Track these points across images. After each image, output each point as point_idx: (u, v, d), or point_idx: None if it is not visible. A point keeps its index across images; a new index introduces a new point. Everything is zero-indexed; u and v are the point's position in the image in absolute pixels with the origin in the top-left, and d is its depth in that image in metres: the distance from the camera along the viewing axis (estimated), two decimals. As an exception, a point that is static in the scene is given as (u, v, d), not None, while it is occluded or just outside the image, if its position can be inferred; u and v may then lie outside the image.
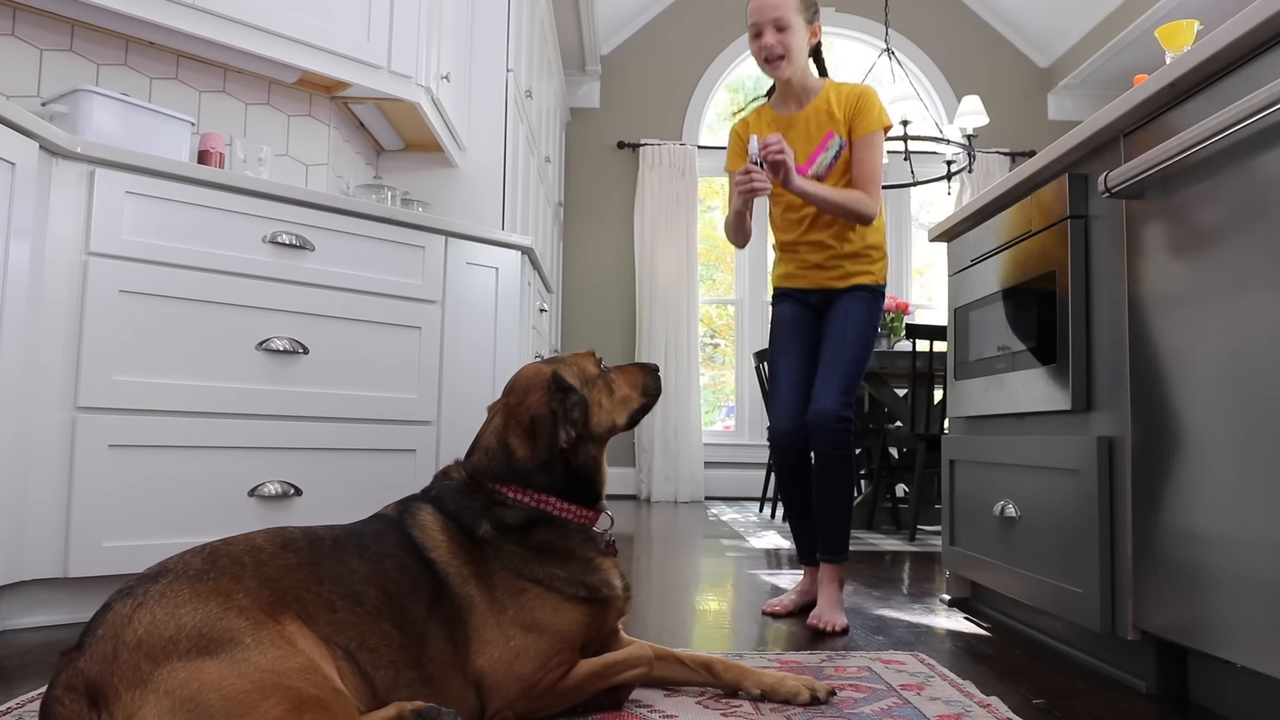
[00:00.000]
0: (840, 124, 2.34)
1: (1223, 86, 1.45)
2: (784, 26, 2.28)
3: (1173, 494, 1.54)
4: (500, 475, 1.46)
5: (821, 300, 2.44)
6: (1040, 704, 1.59)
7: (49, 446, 2.07)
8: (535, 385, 1.51)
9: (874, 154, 2.31)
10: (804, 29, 2.32)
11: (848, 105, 2.34)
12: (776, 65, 2.32)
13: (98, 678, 1.01)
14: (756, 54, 2.34)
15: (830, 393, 2.25)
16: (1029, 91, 6.98)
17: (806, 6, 2.33)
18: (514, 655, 1.34)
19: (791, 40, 2.29)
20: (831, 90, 2.38)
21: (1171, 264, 1.56)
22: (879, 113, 2.33)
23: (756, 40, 2.32)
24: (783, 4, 2.29)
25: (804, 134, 2.37)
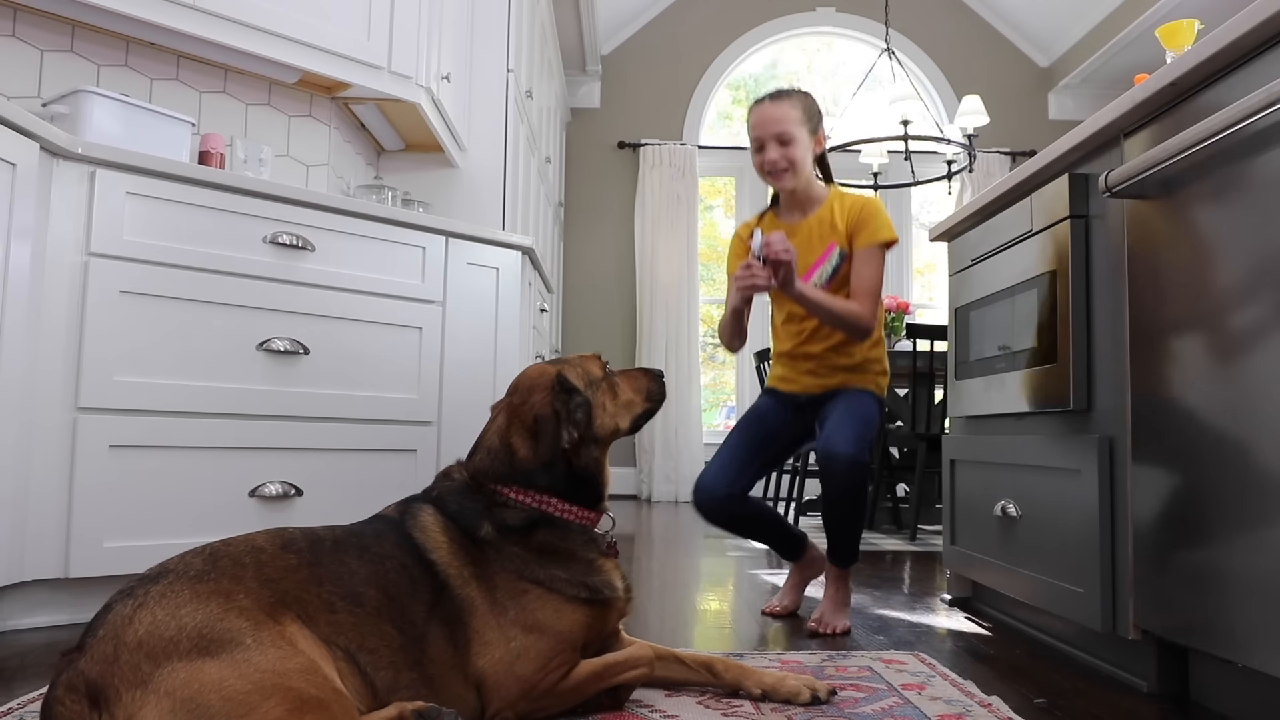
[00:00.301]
0: (842, 235, 2.28)
1: (1223, 86, 1.44)
2: (787, 140, 2.25)
3: (1173, 493, 1.54)
4: (502, 476, 1.46)
5: (811, 402, 2.34)
6: (1041, 704, 1.59)
7: (50, 447, 2.07)
8: (539, 385, 1.51)
9: (874, 268, 2.25)
10: (808, 140, 2.28)
11: (850, 216, 2.28)
12: (780, 178, 2.28)
13: (98, 678, 1.01)
14: (759, 168, 2.30)
15: (843, 434, 2.11)
16: (1029, 91, 6.98)
17: (810, 118, 2.29)
18: (514, 656, 1.34)
19: (795, 153, 2.25)
20: (835, 199, 2.33)
21: (1172, 263, 1.56)
22: (883, 226, 2.27)
23: (759, 154, 2.29)
24: (785, 118, 2.25)
25: (805, 244, 2.31)
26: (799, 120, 2.26)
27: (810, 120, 2.29)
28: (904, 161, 5.43)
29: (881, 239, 2.25)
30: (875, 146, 5.38)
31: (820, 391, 2.32)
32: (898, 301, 5.23)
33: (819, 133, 2.32)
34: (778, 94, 2.30)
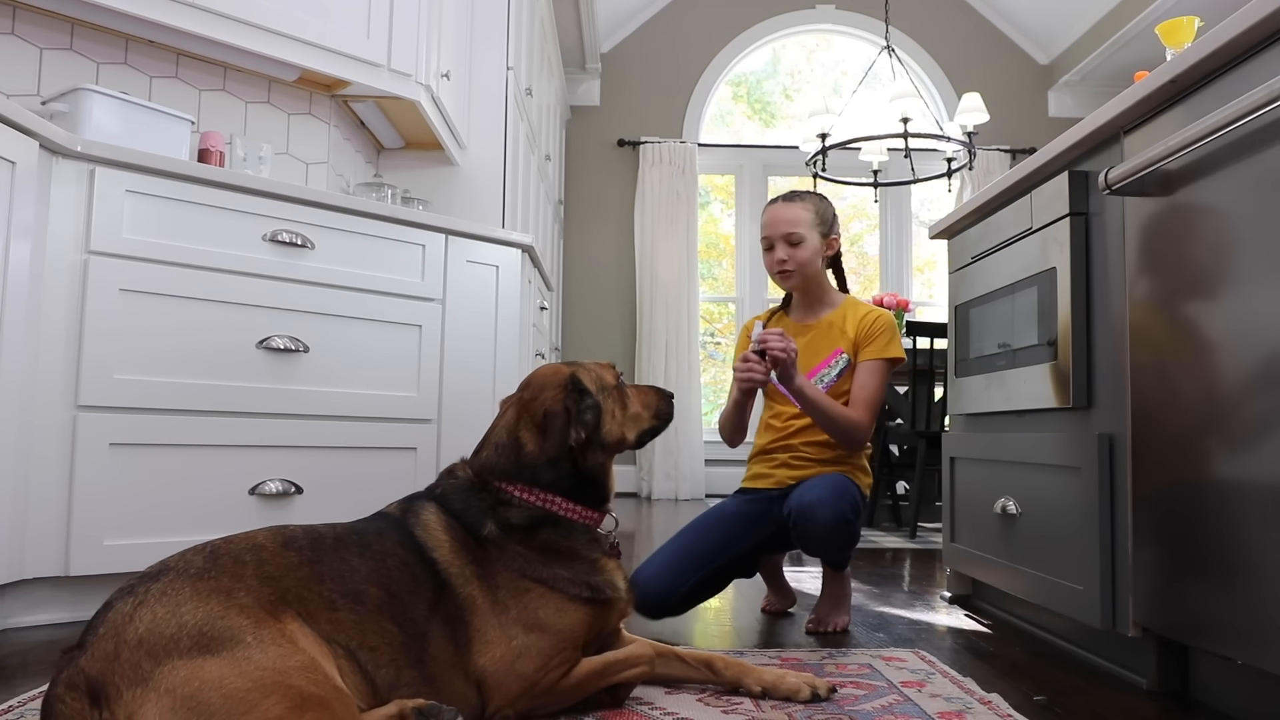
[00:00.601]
0: (850, 343, 2.26)
1: (1223, 83, 1.44)
2: (796, 241, 2.25)
3: (1173, 491, 1.54)
4: (508, 472, 1.46)
5: (783, 495, 2.20)
6: (1041, 701, 1.59)
7: (50, 445, 2.07)
8: (552, 383, 1.52)
9: (877, 381, 2.21)
10: (818, 243, 2.27)
11: (862, 327, 2.26)
12: (787, 278, 2.29)
13: (99, 676, 1.01)
14: (768, 268, 2.31)
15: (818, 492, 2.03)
16: (1029, 88, 6.97)
17: (822, 221, 2.29)
18: (516, 654, 1.34)
19: (803, 255, 2.25)
20: (849, 308, 2.32)
21: (1172, 261, 1.56)
22: (893, 342, 2.24)
23: (768, 253, 2.29)
24: (796, 220, 2.25)
25: (812, 346, 2.29)
26: (810, 223, 2.26)
27: (823, 224, 2.29)
28: (904, 159, 5.42)
29: (890, 355, 2.23)
30: (875, 144, 5.38)
31: (794, 483, 2.21)
32: (898, 299, 5.23)
33: (832, 235, 2.31)
34: (791, 195, 2.31)
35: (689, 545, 2.13)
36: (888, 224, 7.20)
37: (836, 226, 2.34)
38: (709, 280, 7.30)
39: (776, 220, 2.27)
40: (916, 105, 5.06)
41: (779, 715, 1.44)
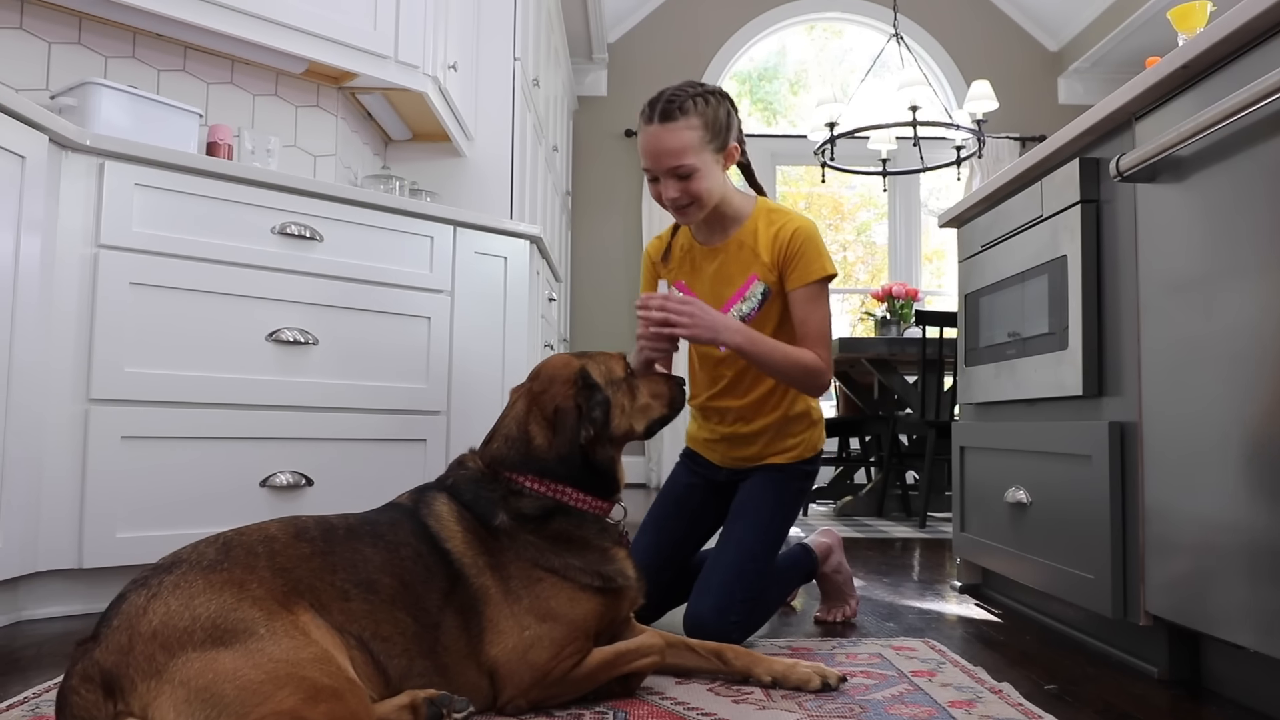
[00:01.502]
0: (768, 267, 1.89)
1: (1236, 68, 1.43)
2: (687, 174, 1.81)
3: (1185, 479, 1.53)
4: (518, 464, 1.47)
5: (730, 478, 2.02)
6: (1052, 690, 1.59)
7: (62, 438, 2.09)
8: (561, 377, 1.51)
9: (820, 309, 1.87)
10: (713, 163, 1.84)
11: (778, 249, 1.88)
12: (685, 214, 1.87)
13: (113, 668, 1.02)
14: (655, 198, 1.89)
15: (713, 590, 1.78)
16: (1039, 76, 6.93)
17: (715, 134, 1.83)
18: (528, 644, 1.35)
19: (699, 186, 1.82)
20: (762, 219, 1.92)
21: (1184, 248, 1.55)
22: (822, 258, 1.88)
23: (654, 185, 1.87)
24: (682, 147, 1.79)
25: (723, 273, 1.93)
26: (699, 143, 1.81)
27: (716, 136, 1.83)
28: (913, 148, 5.40)
29: (822, 274, 1.87)
30: (884, 133, 5.35)
31: (741, 468, 2.00)
32: (907, 288, 5.22)
33: (730, 145, 1.88)
34: (669, 109, 1.80)
35: (655, 545, 1.98)
36: (897, 213, 7.17)
37: (735, 126, 1.89)
38: (717, 270, 7.28)
39: (657, 150, 1.81)
40: (925, 93, 5.03)
41: (789, 705, 1.44)
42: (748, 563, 1.83)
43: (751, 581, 1.82)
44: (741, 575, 1.81)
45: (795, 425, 1.99)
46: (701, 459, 2.09)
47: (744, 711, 1.40)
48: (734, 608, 1.78)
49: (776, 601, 1.95)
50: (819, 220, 7.65)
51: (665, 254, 2.05)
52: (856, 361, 4.73)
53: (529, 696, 1.35)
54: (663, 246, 2.06)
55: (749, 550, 1.85)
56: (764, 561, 1.86)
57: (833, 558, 2.13)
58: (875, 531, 3.99)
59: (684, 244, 2.02)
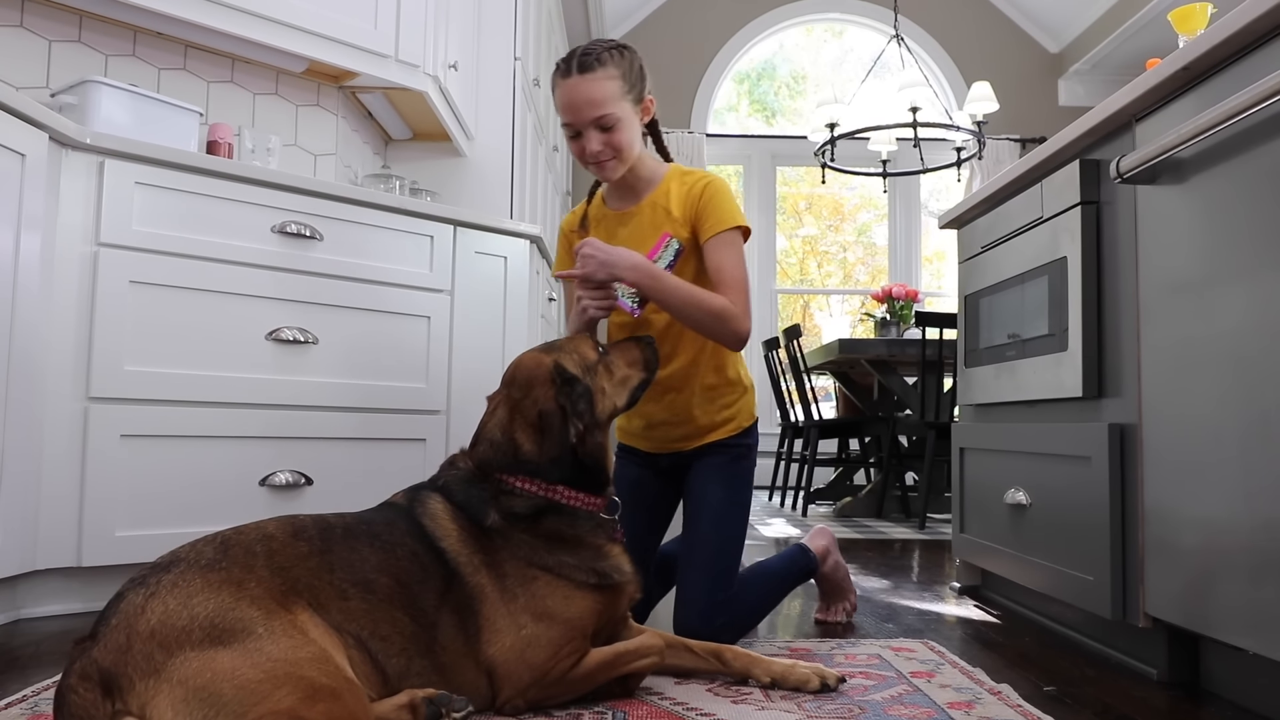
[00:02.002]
0: (680, 224, 1.86)
1: (1237, 70, 1.43)
2: (610, 125, 1.79)
3: (1185, 481, 1.53)
4: (507, 466, 1.46)
5: (672, 464, 1.97)
6: (1051, 691, 1.59)
7: (61, 437, 2.08)
8: (538, 378, 1.49)
9: (733, 255, 1.82)
10: (632, 114, 1.83)
11: (689, 203, 1.86)
12: (605, 168, 1.85)
13: (111, 667, 1.02)
14: (577, 156, 1.86)
15: (693, 600, 1.78)
16: (1039, 77, 6.93)
17: (631, 86, 1.82)
18: (525, 644, 1.34)
19: (620, 138, 1.81)
20: (674, 181, 1.91)
21: (1184, 250, 1.55)
22: (729, 209, 1.84)
23: (575, 141, 1.83)
24: (604, 96, 1.77)
25: (636, 235, 1.90)
26: (619, 93, 1.79)
27: (633, 88, 1.82)
28: (913, 149, 5.40)
29: (733, 222, 1.83)
30: (884, 134, 5.36)
31: (679, 451, 1.94)
32: (907, 290, 5.22)
33: (646, 96, 1.87)
34: (586, 61, 1.78)
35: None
36: (897, 214, 7.17)
37: (647, 80, 1.88)
38: (717, 271, 7.28)
39: (578, 103, 1.78)
40: (925, 94, 5.03)
41: (788, 705, 1.44)
42: (718, 561, 1.82)
43: (727, 580, 1.81)
44: (716, 577, 1.80)
45: (726, 394, 1.92)
46: (638, 451, 2.02)
47: (743, 712, 1.40)
48: (717, 610, 1.77)
49: (770, 598, 1.94)
50: (819, 221, 7.65)
51: (582, 223, 2.02)
52: (856, 362, 4.73)
53: (527, 696, 1.35)
54: (577, 219, 2.03)
55: (716, 548, 1.83)
56: (733, 556, 1.85)
57: (830, 557, 2.13)
58: (875, 532, 3.99)
59: (597, 213, 1.99)
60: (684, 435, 1.93)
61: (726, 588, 1.81)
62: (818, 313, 7.34)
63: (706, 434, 1.92)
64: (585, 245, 1.77)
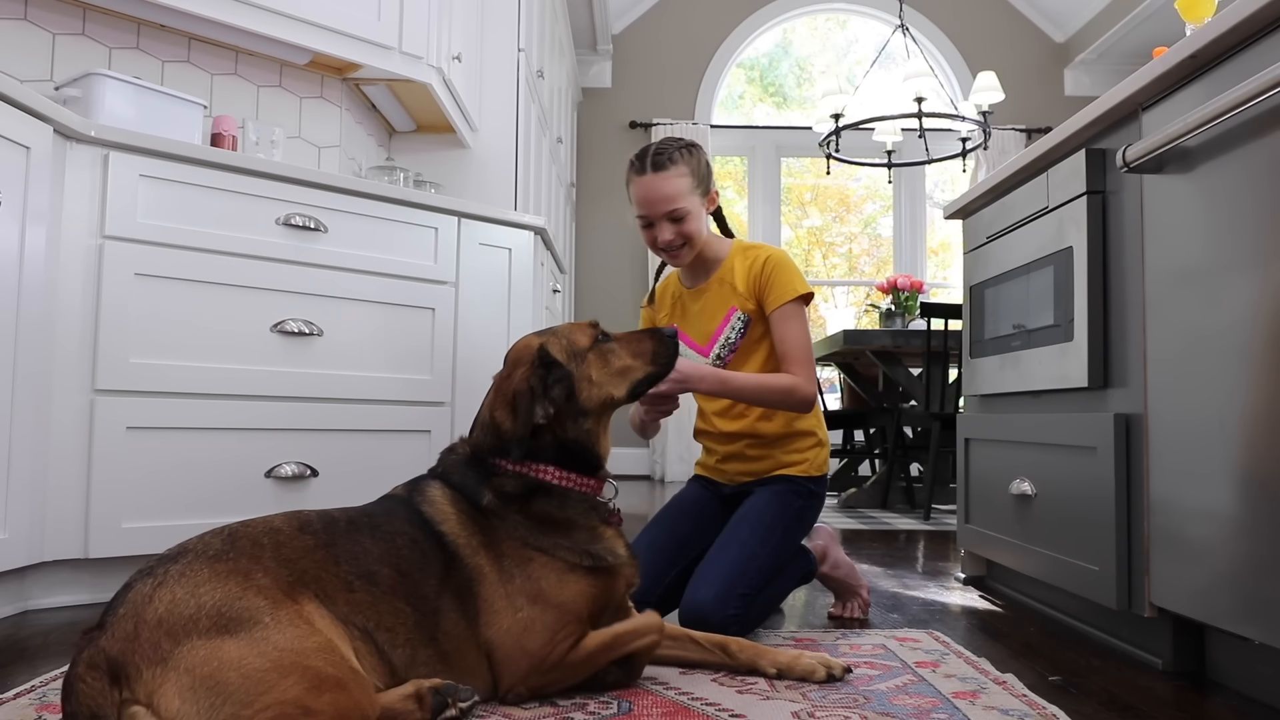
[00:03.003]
0: (744, 298, 2.01)
1: (1245, 58, 1.42)
2: (681, 217, 1.97)
3: (1190, 471, 1.53)
4: (495, 449, 1.47)
5: (735, 492, 2.07)
6: (1056, 681, 1.59)
7: (68, 429, 2.09)
8: (523, 360, 1.51)
9: (797, 328, 1.97)
10: (699, 207, 2.00)
11: (752, 278, 2.01)
12: (678, 256, 2.03)
13: (119, 655, 1.02)
14: (650, 246, 2.04)
15: (708, 583, 1.79)
16: (1045, 67, 6.90)
17: (700, 181, 2.00)
18: (522, 629, 1.35)
19: (691, 227, 1.98)
20: (737, 257, 2.06)
21: (1191, 239, 1.54)
22: (790, 280, 1.98)
23: (648, 232, 2.01)
24: (675, 193, 1.95)
25: (707, 310, 2.07)
26: (689, 189, 1.98)
27: (701, 183, 2.01)
28: (918, 139, 5.38)
29: (794, 293, 1.97)
30: (889, 125, 5.34)
31: (748, 480, 2.06)
32: (912, 281, 5.20)
33: (711, 191, 2.05)
34: (659, 160, 1.97)
35: (658, 541, 2.00)
36: (902, 205, 7.15)
37: (712, 174, 2.07)
38: (722, 262, 7.27)
39: (653, 198, 1.97)
40: (931, 85, 5.01)
41: (794, 695, 1.44)
42: (749, 560, 1.85)
43: (752, 579, 1.83)
44: (743, 573, 1.82)
45: (798, 441, 2.04)
46: (709, 480, 2.15)
47: (748, 702, 1.40)
48: (732, 601, 1.78)
49: (774, 602, 1.96)
50: (823, 212, 7.63)
51: (650, 299, 2.24)
52: (861, 354, 4.72)
53: (528, 684, 1.36)
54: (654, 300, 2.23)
55: (751, 550, 1.87)
56: (765, 561, 1.87)
57: (830, 556, 2.12)
58: (879, 523, 3.99)
59: (673, 291, 2.17)
60: (755, 470, 2.05)
61: (748, 586, 1.82)
62: (822, 304, 7.33)
63: (773, 470, 2.03)
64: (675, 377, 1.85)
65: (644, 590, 1.78)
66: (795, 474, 2.02)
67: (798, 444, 2.04)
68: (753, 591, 1.83)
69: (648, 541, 2.00)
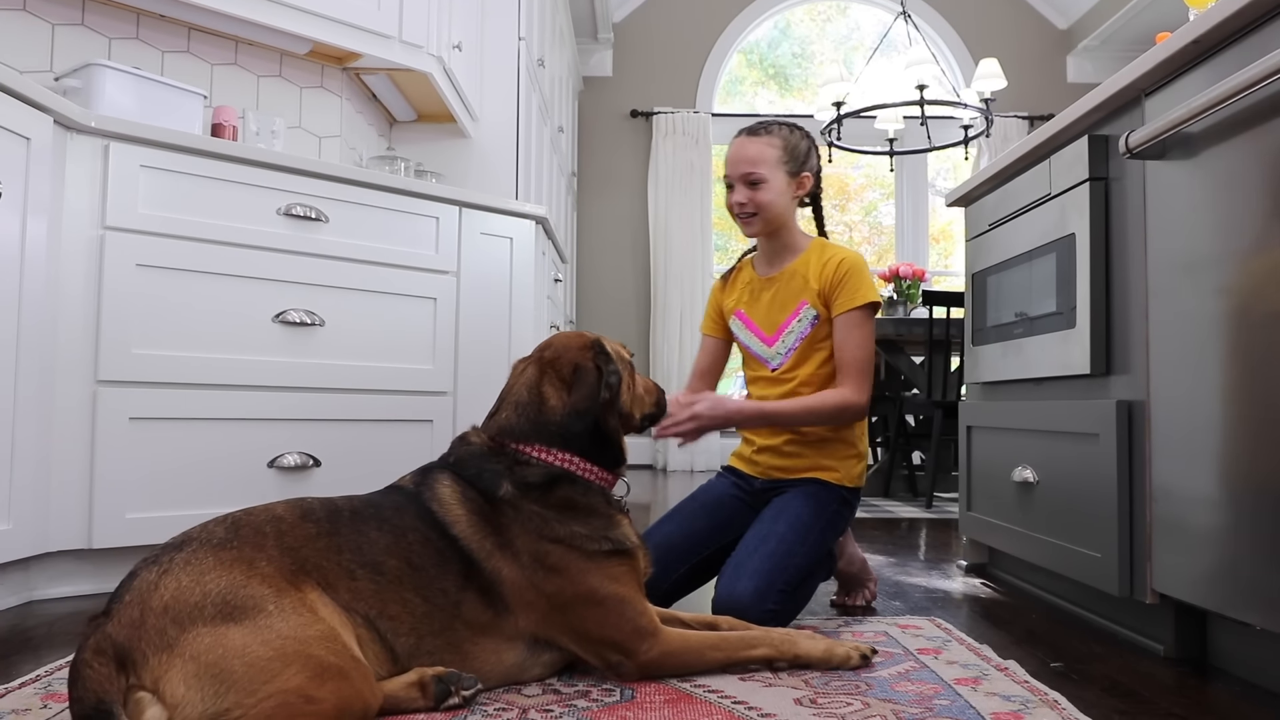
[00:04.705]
0: (815, 295, 1.98)
1: (1248, 43, 1.42)
2: (757, 181, 1.96)
3: (1193, 457, 1.53)
4: (527, 433, 1.47)
5: (766, 487, 2.02)
6: (1058, 667, 1.60)
7: (71, 420, 2.09)
8: (576, 345, 1.54)
9: (860, 337, 1.94)
10: (784, 183, 1.99)
11: (827, 276, 1.97)
12: (748, 223, 2.02)
13: (125, 642, 1.03)
14: (729, 210, 2.04)
15: (748, 575, 1.76)
16: (1048, 54, 6.87)
17: (792, 158, 1.99)
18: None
19: (764, 197, 1.96)
20: (815, 252, 2.02)
21: (1194, 225, 1.54)
22: (863, 287, 1.95)
23: (730, 193, 2.02)
24: (759, 157, 1.96)
25: (777, 300, 2.04)
26: (776, 161, 1.97)
27: (792, 160, 1.99)
28: (920, 127, 5.36)
29: (863, 300, 1.94)
30: (891, 112, 5.32)
31: (781, 477, 2.01)
32: (914, 269, 5.20)
33: (804, 173, 2.02)
34: (757, 128, 2.01)
35: (672, 537, 1.95)
36: (904, 193, 7.14)
37: (813, 161, 2.05)
38: (723, 251, 7.26)
39: (738, 158, 1.99)
40: (933, 72, 5.00)
41: (796, 682, 1.45)
42: (788, 558, 1.81)
43: (790, 576, 1.80)
44: (783, 569, 1.79)
45: (837, 447, 1.99)
46: (740, 473, 2.10)
47: (751, 689, 1.41)
48: (772, 595, 1.76)
49: (804, 602, 1.92)
50: (826, 200, 7.61)
51: (727, 276, 2.20)
52: (863, 342, 4.71)
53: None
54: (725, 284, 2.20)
55: (789, 545, 1.83)
56: (802, 560, 1.84)
57: (845, 551, 2.12)
58: (882, 511, 3.99)
59: (746, 276, 2.15)
60: (785, 468, 2.00)
61: (788, 581, 1.79)
62: (824, 293, 7.32)
63: (807, 471, 1.98)
64: (700, 404, 1.87)
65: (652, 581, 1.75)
66: (830, 479, 1.97)
67: (838, 451, 1.99)
68: (790, 589, 1.80)
69: (663, 535, 1.97)
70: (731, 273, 2.20)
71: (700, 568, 1.97)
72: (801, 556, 1.84)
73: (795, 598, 1.83)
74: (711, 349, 2.18)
